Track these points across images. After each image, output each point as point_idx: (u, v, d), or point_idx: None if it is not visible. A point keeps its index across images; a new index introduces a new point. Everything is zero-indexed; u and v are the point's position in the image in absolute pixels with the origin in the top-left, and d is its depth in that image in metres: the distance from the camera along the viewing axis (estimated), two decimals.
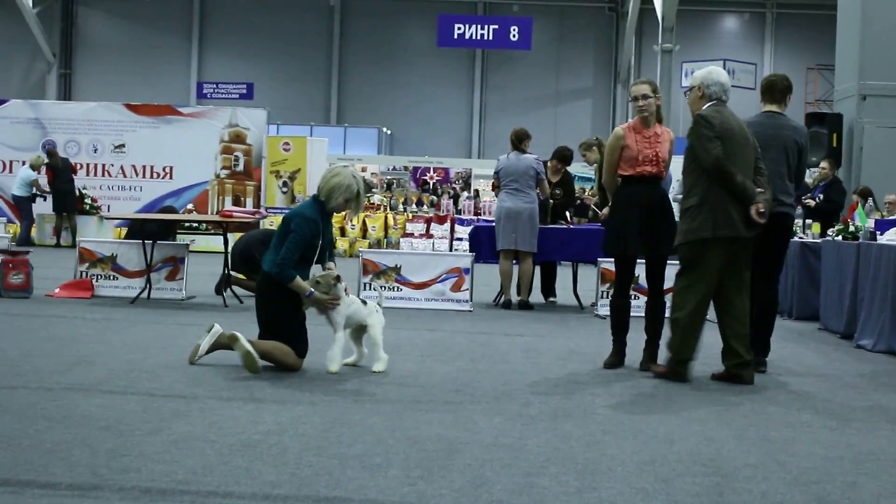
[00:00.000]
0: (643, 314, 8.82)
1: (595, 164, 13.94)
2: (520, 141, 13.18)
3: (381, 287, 12.32)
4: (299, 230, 7.78)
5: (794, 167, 8.84)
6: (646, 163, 8.46)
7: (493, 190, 13.40)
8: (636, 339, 8.75)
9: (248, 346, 7.61)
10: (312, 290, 7.75)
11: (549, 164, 13.98)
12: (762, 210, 7.83)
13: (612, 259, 8.99)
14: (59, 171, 23.02)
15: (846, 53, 18.13)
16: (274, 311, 7.90)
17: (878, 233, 11.03)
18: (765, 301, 8.73)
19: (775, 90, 9.03)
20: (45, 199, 23.31)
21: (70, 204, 23.26)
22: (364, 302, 8.16)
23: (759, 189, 7.90)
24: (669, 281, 8.39)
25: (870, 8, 17.26)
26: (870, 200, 15.76)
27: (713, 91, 8.17)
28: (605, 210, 9.13)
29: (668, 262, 8.67)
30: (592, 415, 6.55)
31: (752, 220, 7.85)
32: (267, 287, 7.96)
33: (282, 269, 7.73)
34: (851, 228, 11.46)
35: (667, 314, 8.42)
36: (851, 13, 17.81)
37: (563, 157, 14.21)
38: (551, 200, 13.74)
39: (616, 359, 8.64)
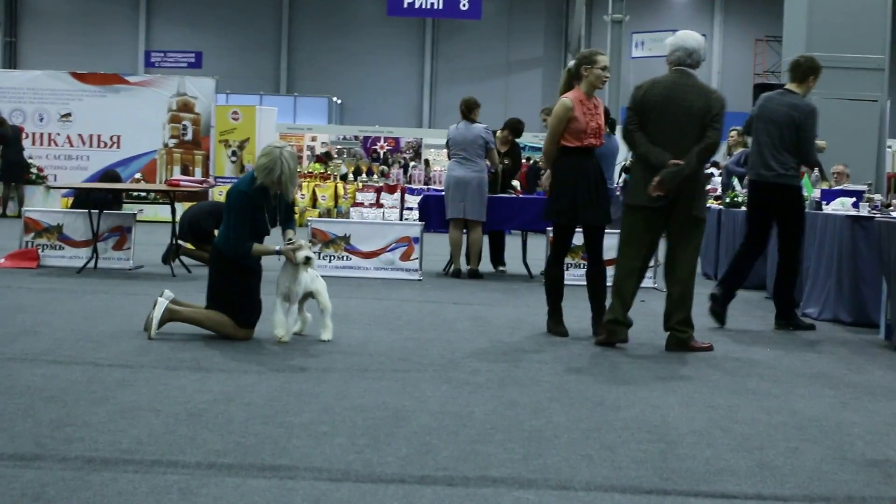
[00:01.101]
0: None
1: None
2: (469, 110, 13.16)
3: (328, 255, 12.29)
4: (235, 205, 7.79)
5: (789, 140, 9.44)
6: (591, 135, 8.50)
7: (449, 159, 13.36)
8: (582, 309, 8.80)
9: (171, 307, 7.82)
10: (278, 247, 7.73)
11: (499, 133, 13.95)
12: (656, 181, 7.97)
13: (553, 226, 9.04)
14: (10, 140, 22.72)
15: (794, 25, 18.19)
16: (218, 280, 7.89)
17: (823, 203, 11.11)
18: (778, 268, 9.64)
19: (798, 70, 9.72)
20: None
21: (18, 174, 22.99)
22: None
23: (675, 161, 7.96)
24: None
25: None
26: (815, 171, 15.87)
27: (676, 56, 8.27)
28: (546, 177, 9.10)
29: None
30: (539, 382, 6.57)
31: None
32: (214, 257, 7.97)
33: (236, 247, 7.73)
34: None
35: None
36: None
37: (516, 129, 14.20)
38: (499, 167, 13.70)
39: (562, 326, 8.67)
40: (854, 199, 11.00)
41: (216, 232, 8.23)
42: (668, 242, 8.27)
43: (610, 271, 8.50)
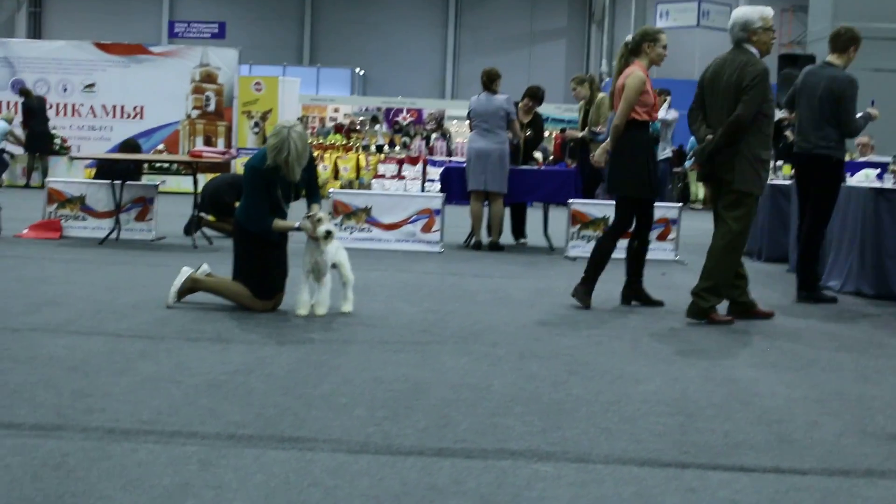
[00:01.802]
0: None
1: (583, 101, 13.92)
2: (491, 81, 13.11)
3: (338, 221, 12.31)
4: (249, 181, 7.86)
5: (829, 113, 9.39)
6: (654, 109, 8.81)
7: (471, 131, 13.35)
8: (603, 281, 8.79)
9: (195, 275, 7.97)
10: (298, 224, 7.71)
11: (520, 103, 13.92)
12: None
13: (607, 201, 9.19)
14: (35, 111, 22.77)
15: None
16: (240, 252, 7.93)
17: (847, 174, 11.05)
18: (803, 240, 9.65)
19: (838, 41, 9.61)
20: (22, 150, 22.98)
21: (44, 145, 23.05)
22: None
23: (710, 136, 8.18)
24: None
25: None
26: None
27: (733, 35, 8.34)
28: (600, 151, 9.20)
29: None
30: (559, 355, 6.57)
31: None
32: (238, 229, 7.99)
33: (257, 223, 7.78)
34: None
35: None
36: None
37: (535, 95, 14.13)
38: (521, 138, 13.67)
39: (588, 298, 8.67)
40: (879, 171, 10.94)
41: (237, 204, 8.22)
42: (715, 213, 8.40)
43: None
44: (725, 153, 8.03)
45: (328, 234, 7.62)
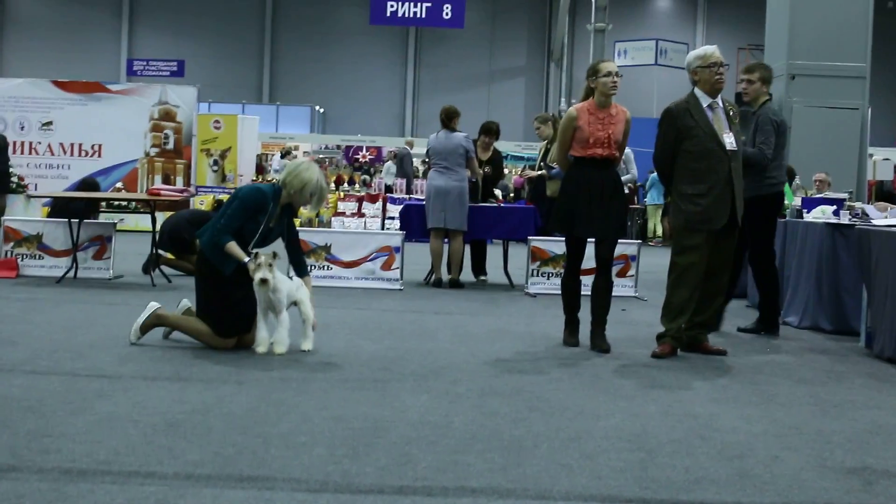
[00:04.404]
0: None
1: (545, 141, 14.01)
2: (449, 119, 13.15)
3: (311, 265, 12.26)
4: (245, 198, 7.82)
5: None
6: (597, 145, 8.35)
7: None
8: (553, 317, 8.79)
9: (160, 311, 7.93)
10: (248, 258, 7.65)
11: (477, 141, 13.94)
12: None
13: (563, 238, 9.01)
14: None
15: (775, 33, 18.25)
16: (201, 288, 7.88)
17: (804, 210, 11.14)
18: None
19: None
20: None
21: (4, 184, 22.85)
22: (290, 277, 8.09)
23: None
24: None
25: None
26: (797, 178, 15.92)
27: None
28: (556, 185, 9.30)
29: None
30: (520, 392, 6.56)
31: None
32: (200, 265, 7.94)
33: (216, 235, 7.72)
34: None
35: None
36: None
37: (490, 130, 14.06)
38: (480, 175, 13.67)
39: (574, 338, 8.63)
40: (835, 207, 11.04)
41: (197, 242, 8.18)
42: None
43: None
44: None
45: (263, 282, 7.57)
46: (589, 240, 8.62)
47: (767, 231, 9.71)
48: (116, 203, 15.48)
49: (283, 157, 28.86)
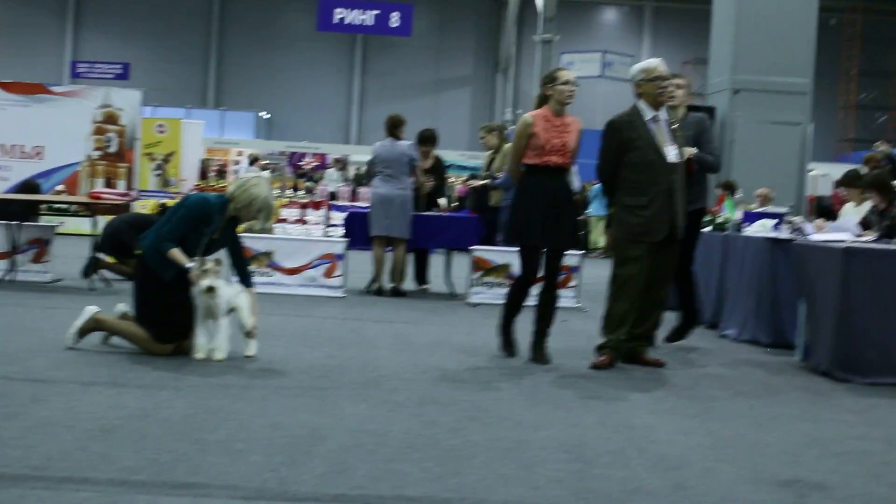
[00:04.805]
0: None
1: (491, 151, 14.03)
2: (395, 127, 13.14)
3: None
4: (192, 208, 7.80)
5: None
6: (552, 152, 8.28)
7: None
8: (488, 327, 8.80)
9: (98, 315, 7.87)
10: (192, 264, 7.60)
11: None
12: None
13: (506, 248, 9.00)
14: None
15: (720, 47, 18.45)
16: (140, 293, 7.81)
17: (745, 224, 11.24)
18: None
19: None
20: None
21: None
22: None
23: None
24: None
25: (744, 3, 17.57)
26: (740, 192, 16.07)
27: None
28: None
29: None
30: (458, 402, 6.56)
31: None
32: (140, 270, 7.88)
33: (158, 241, 7.68)
34: (720, 220, 11.68)
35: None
36: (726, 8, 18.11)
37: (425, 138, 13.95)
38: (424, 186, 13.61)
39: (511, 347, 8.62)
40: (776, 221, 11.14)
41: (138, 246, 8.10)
42: None
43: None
44: None
45: (210, 290, 7.53)
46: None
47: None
48: (57, 206, 15.32)
49: (251, 164, 28.69)
